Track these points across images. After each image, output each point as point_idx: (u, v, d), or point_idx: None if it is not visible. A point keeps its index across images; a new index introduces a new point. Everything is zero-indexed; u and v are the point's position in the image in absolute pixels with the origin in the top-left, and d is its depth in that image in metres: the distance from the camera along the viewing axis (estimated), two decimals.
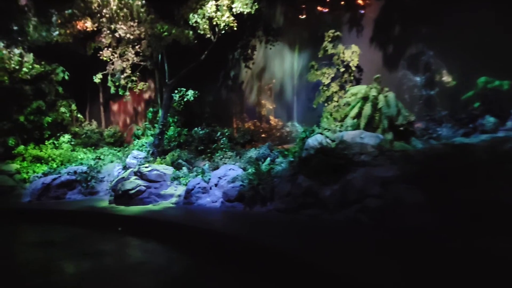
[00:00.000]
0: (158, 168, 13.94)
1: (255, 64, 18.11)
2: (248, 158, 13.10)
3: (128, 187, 12.78)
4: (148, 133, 19.11)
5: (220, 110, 19.60)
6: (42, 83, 17.48)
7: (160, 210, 11.41)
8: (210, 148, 16.84)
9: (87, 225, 11.19)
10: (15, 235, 11.01)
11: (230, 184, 11.59)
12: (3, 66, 14.96)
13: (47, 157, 17.26)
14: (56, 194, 15.09)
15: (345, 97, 13.66)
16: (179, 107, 17.45)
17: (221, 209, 10.89)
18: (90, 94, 21.81)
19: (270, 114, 19.31)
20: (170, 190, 13.16)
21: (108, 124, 21.66)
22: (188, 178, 13.61)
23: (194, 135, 17.57)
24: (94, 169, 16.81)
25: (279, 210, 9.56)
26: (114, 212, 11.23)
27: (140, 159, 16.69)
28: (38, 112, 17.35)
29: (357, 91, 11.35)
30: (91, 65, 18.27)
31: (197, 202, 11.84)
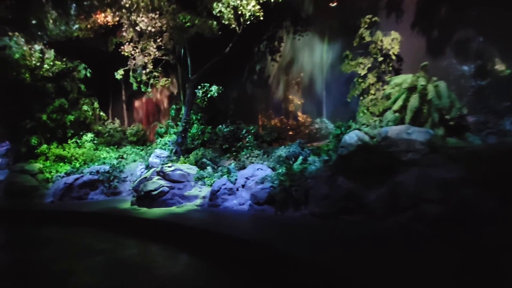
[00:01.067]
0: (182, 167, 13.18)
1: (282, 57, 17.04)
2: (277, 157, 12.08)
3: (150, 188, 12.08)
4: (171, 131, 18.46)
5: (245, 106, 18.68)
6: (64, 81, 17.16)
7: (184, 213, 10.60)
8: (235, 146, 15.96)
9: (108, 229, 10.54)
10: (36, 239, 10.49)
11: (258, 185, 10.63)
12: (24, 63, 14.66)
13: (70, 157, 16.92)
14: (79, 195, 14.66)
15: (385, 89, 12.41)
16: (202, 104, 16.65)
17: (249, 212, 9.94)
18: (112, 92, 21.44)
19: (298, 110, 18.20)
20: (194, 191, 12.36)
21: (131, 122, 21.23)
22: (213, 178, 12.77)
23: (218, 133, 16.75)
24: (116, 169, 16.33)
25: (315, 215, 8.50)
26: (136, 215, 10.51)
27: (163, 158, 16.04)
28: (60, 111, 17.04)
29: (401, 81, 10.08)
30: (113, 62, 17.81)
31: (223, 204, 10.96)
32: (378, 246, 6.00)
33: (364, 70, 13.10)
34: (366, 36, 12.88)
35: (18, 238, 10.53)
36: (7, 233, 11.15)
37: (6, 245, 9.82)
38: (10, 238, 10.50)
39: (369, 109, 12.89)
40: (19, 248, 9.37)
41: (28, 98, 16.26)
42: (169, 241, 8.77)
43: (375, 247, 5.97)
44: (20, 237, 10.50)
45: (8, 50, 14.09)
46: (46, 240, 9.85)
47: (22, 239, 10.24)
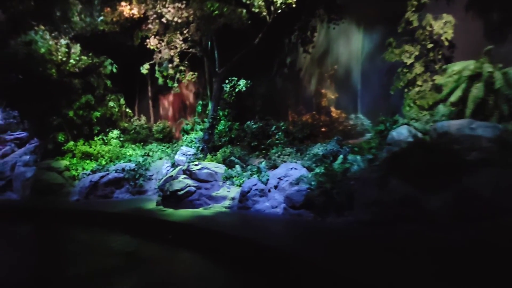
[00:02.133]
0: (209, 166, 12.37)
1: (315, 48, 15.87)
2: (313, 156, 11.01)
3: (176, 187, 11.35)
4: (197, 128, 17.77)
5: (274, 101, 17.64)
6: (90, 77, 16.85)
7: (212, 216, 9.76)
8: (264, 143, 14.99)
9: (132, 231, 9.88)
10: (58, 240, 9.99)
11: (293, 186, 9.61)
12: (50, 58, 14.37)
13: (96, 154, 16.59)
14: (104, 193, 14.23)
15: (435, 79, 11.04)
16: (230, 99, 15.81)
17: (284, 217, 8.94)
18: (138, 88, 21.06)
19: (331, 105, 16.96)
20: (222, 191, 11.51)
21: (157, 119, 20.76)
22: (242, 177, 11.88)
23: (246, 129, 15.83)
24: (142, 167, 15.82)
25: (362, 223, 7.38)
26: (161, 217, 9.79)
27: (189, 156, 15.34)
28: (87, 107, 16.75)
29: (461, 68, 8.75)
30: (139, 57, 17.27)
31: (254, 207, 10.03)
32: (458, 266, 4.82)
33: (411, 59, 11.72)
34: (414, 21, 11.49)
35: (40, 239, 10.10)
36: (29, 233, 10.76)
37: (27, 245, 9.37)
38: (32, 238, 10.09)
39: (416, 102, 11.53)
40: (39, 249, 8.88)
41: (55, 94, 16.02)
42: (198, 248, 7.95)
43: (453, 267, 4.81)
44: (42, 238, 10.07)
45: (34, 45, 13.82)
46: (67, 242, 9.31)
47: (44, 241, 9.79)
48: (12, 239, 9.85)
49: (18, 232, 10.64)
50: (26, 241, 9.96)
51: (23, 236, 10.35)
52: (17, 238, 10.01)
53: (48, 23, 13.58)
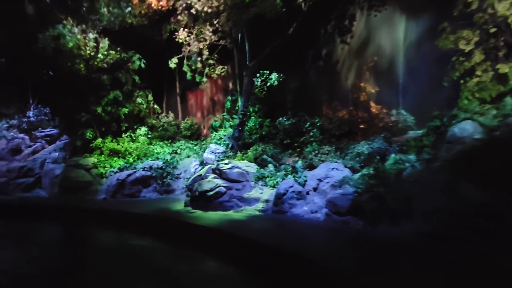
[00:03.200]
0: (240, 165, 11.53)
1: (353, 37, 14.63)
2: (356, 155, 9.88)
3: (205, 188, 10.58)
4: (226, 125, 17.00)
5: (307, 96, 16.54)
6: (119, 72, 16.50)
7: (245, 220, 8.88)
8: (298, 141, 13.99)
9: (159, 235, 9.20)
10: (82, 245, 9.47)
11: (336, 189, 8.56)
12: (79, 53, 14.08)
13: (123, 151, 16.22)
14: (131, 192, 13.75)
15: (499, 68, 9.60)
16: (261, 94, 14.87)
17: (327, 224, 7.91)
18: (166, 84, 20.63)
19: (371, 100, 15.69)
20: (254, 192, 10.62)
21: (185, 115, 20.22)
22: (276, 178, 10.94)
23: (278, 126, 14.88)
24: (170, 165, 15.24)
25: (425, 235, 6.22)
26: (190, 221, 9.02)
27: (218, 154, 14.58)
28: (115, 103, 16.42)
29: None
30: (167, 52, 16.73)
31: (291, 211, 9.06)
32: None
33: (469, 46, 10.30)
34: (474, 2, 10.07)
35: (65, 239, 9.65)
36: (55, 233, 10.36)
37: (51, 245, 8.90)
38: (56, 238, 9.65)
39: (475, 94, 10.12)
40: (63, 251, 8.35)
41: (84, 90, 15.78)
42: (231, 259, 7.08)
43: None
44: (67, 239, 9.61)
45: (62, 39, 13.53)
46: (91, 248, 8.74)
47: (69, 241, 9.31)
48: (34, 239, 9.45)
49: (42, 232, 10.27)
50: (47, 244, 9.52)
51: (46, 237, 9.95)
52: (39, 239, 9.60)
53: (76, 16, 13.20)
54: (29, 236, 9.92)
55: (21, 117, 20.06)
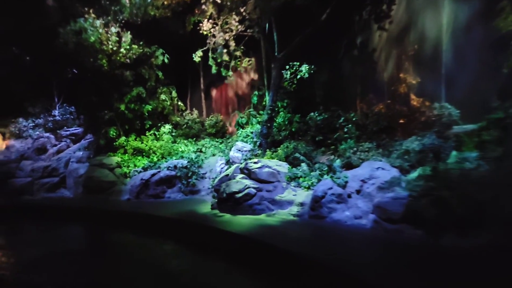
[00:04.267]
0: (270, 164, 10.59)
1: (392, 23, 13.29)
2: (404, 152, 8.70)
3: (234, 189, 9.72)
4: (253, 121, 16.11)
5: (339, 90, 15.33)
6: (142, 68, 15.95)
7: (279, 226, 7.94)
8: (331, 138, 12.90)
9: (184, 241, 8.43)
10: (103, 249, 8.84)
11: (384, 192, 7.45)
12: (101, 47, 13.58)
13: (147, 150, 15.68)
14: (155, 192, 13.14)
15: None
16: (290, 87, 13.85)
17: (375, 233, 6.83)
18: (190, 80, 19.98)
19: (411, 92, 14.30)
20: (287, 194, 9.65)
21: (209, 112, 19.50)
22: (311, 178, 9.93)
23: (309, 122, 13.81)
24: (195, 164, 14.56)
25: (501, 248, 5.06)
26: (218, 226, 8.17)
27: (245, 152, 13.72)
28: (138, 100, 15.89)
29: None
30: (191, 47, 16.00)
31: (330, 216, 8.03)
32: None
33: None
34: None
35: (85, 244, 9.06)
36: (76, 238, 9.82)
37: (70, 252, 8.31)
38: (76, 244, 9.07)
39: None
40: (80, 258, 7.72)
41: (106, 87, 15.33)
42: (266, 272, 6.16)
43: None
44: (87, 244, 9.02)
45: (84, 34, 13.06)
46: (113, 253, 8.06)
47: (89, 247, 8.71)
48: (56, 243, 8.92)
49: (62, 237, 9.75)
50: (68, 249, 8.95)
51: (67, 242, 9.41)
52: (59, 245, 9.07)
53: (97, 8, 12.66)
54: (47, 241, 9.42)
55: (47, 116, 20.06)
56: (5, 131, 19.18)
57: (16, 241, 9.68)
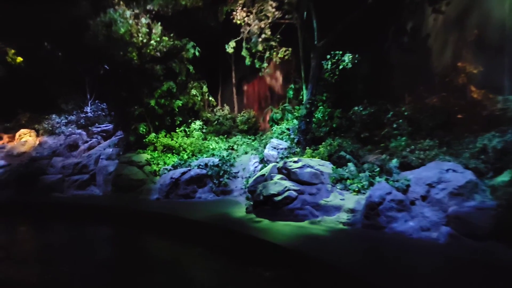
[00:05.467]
0: (312, 163, 9.43)
1: (450, 5, 11.68)
2: (478, 151, 7.26)
3: (272, 191, 8.66)
4: (288, 117, 14.97)
5: (386, 81, 13.81)
6: (172, 62, 15.25)
7: (329, 237, 6.79)
8: (378, 134, 11.52)
9: (218, 250, 7.46)
10: (130, 255, 8.06)
11: (462, 200, 6.09)
12: (131, 40, 12.98)
13: (177, 147, 14.99)
14: (185, 192, 12.36)
15: None
16: (331, 79, 12.60)
17: (455, 251, 5.49)
18: (221, 75, 19.14)
19: (471, 83, 12.59)
20: (333, 198, 8.46)
21: (241, 108, 18.57)
22: (360, 180, 8.68)
23: (352, 117, 12.48)
24: (226, 162, 13.67)
25: None
26: (256, 234, 7.15)
27: (281, 150, 12.64)
28: (168, 95, 15.23)
29: None
30: (222, 40, 15.13)
31: (390, 226, 6.77)
32: None
33: None
34: None
35: (111, 248, 8.34)
36: (102, 241, 9.15)
37: (95, 255, 7.60)
38: (102, 247, 8.37)
39: None
40: (105, 263, 6.95)
41: (136, 82, 14.77)
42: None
43: None
44: (114, 248, 8.29)
45: (113, 25, 12.49)
46: (140, 260, 7.24)
47: (115, 251, 7.97)
48: (80, 245, 8.28)
49: (88, 239, 9.12)
50: (91, 254, 8.26)
51: (93, 244, 8.75)
52: (86, 246, 8.41)
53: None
54: (72, 244, 8.82)
55: (79, 113, 19.97)
56: (39, 128, 19.28)
57: (42, 244, 9.18)
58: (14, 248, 8.54)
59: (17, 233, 10.35)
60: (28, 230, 10.82)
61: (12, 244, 8.89)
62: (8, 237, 9.67)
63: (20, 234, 10.28)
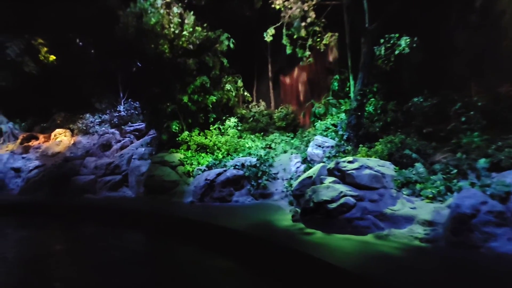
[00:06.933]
0: (370, 164, 7.95)
1: None
2: None
3: (324, 197, 7.31)
4: (332, 111, 13.51)
5: (448, 67, 11.95)
6: (205, 55, 14.26)
7: (404, 258, 5.36)
8: (443, 129, 9.82)
9: (266, 270, 6.24)
10: (160, 271, 7.06)
11: None
12: (163, 32, 12.12)
13: (212, 146, 13.98)
14: (221, 195, 11.30)
15: None
16: (386, 66, 10.99)
17: None
18: (257, 68, 17.97)
19: None
20: (401, 207, 6.96)
21: (278, 104, 17.29)
22: (434, 184, 7.13)
23: (411, 109, 10.81)
24: (265, 162, 12.47)
25: None
26: (311, 252, 5.83)
27: (327, 148, 11.23)
28: (202, 91, 14.25)
29: None
30: (258, 30, 13.92)
31: (486, 245, 5.22)
32: None
33: None
34: None
35: (140, 260, 7.36)
36: (132, 250, 8.23)
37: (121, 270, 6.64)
38: (132, 259, 7.42)
39: None
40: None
41: (169, 77, 13.92)
42: None
43: None
44: (143, 261, 7.31)
45: (144, 16, 11.68)
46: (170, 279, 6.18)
47: (145, 265, 6.97)
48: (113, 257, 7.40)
49: (117, 244, 8.26)
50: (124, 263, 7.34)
51: (123, 253, 7.84)
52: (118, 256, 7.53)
53: None
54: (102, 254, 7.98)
55: (113, 112, 19.60)
56: (74, 127, 19.10)
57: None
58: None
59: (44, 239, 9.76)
60: (61, 237, 10.24)
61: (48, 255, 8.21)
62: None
63: (50, 240, 9.68)
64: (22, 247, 8.97)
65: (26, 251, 8.52)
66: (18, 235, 10.28)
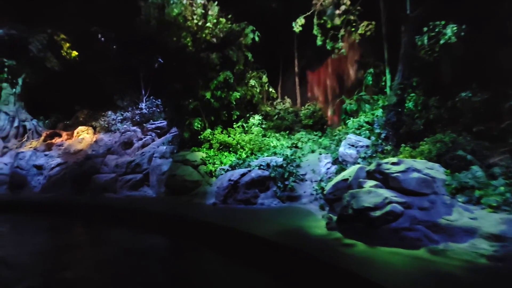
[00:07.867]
0: (418, 166, 6.97)
1: None
2: None
3: (365, 203, 6.42)
4: (366, 108, 12.50)
5: (499, 58, 10.71)
6: (229, 49, 13.57)
7: (472, 279, 4.42)
8: (495, 128, 8.69)
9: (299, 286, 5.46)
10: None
11: None
12: (185, 24, 11.51)
13: (235, 144, 13.29)
14: (245, 197, 10.57)
15: None
16: (430, 57, 9.91)
17: None
18: (282, 63, 17.13)
19: None
20: (458, 217, 5.98)
21: (304, 101, 16.40)
22: (496, 191, 6.10)
23: (458, 105, 9.69)
24: (291, 162, 11.67)
25: None
26: (355, 269, 4.98)
27: (361, 148, 10.29)
28: (225, 86, 13.57)
29: None
30: (284, 23, 13.10)
31: None
32: None
33: None
34: None
35: (153, 269, 6.71)
36: (146, 257, 7.61)
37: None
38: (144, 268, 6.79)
39: None
40: None
41: (191, 72, 13.32)
42: None
43: None
44: (157, 270, 6.65)
45: (166, 7, 11.12)
46: None
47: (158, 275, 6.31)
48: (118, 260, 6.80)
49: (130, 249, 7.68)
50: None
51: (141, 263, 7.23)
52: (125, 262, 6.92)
53: None
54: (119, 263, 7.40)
55: (134, 109, 19.30)
56: (96, 125, 18.92)
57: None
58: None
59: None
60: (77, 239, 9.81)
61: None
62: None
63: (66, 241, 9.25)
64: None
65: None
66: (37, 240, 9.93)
